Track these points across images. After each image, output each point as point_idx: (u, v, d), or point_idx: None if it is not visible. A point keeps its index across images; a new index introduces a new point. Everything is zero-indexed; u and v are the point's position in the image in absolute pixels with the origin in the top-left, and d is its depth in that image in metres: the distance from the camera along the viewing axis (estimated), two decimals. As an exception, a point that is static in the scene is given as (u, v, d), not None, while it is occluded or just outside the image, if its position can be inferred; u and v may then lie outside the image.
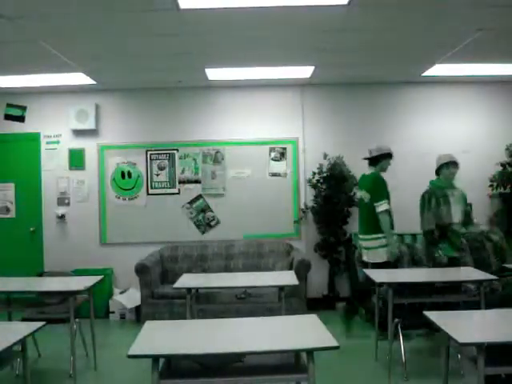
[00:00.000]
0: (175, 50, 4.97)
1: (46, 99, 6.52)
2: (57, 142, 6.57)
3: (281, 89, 6.57)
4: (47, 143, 6.57)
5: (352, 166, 6.38)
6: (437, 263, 4.65)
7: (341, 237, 6.36)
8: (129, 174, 6.56)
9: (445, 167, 4.78)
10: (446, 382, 3.01)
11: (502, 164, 6.35)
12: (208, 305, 5.01)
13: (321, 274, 6.42)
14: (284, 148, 6.57)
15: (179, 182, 6.57)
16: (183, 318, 4.30)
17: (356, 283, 6.01)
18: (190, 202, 6.57)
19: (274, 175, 6.57)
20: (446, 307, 4.31)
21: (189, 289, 4.27)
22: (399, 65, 5.77)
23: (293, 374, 2.60)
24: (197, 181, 6.57)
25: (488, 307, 3.78)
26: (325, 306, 6.18)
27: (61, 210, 6.53)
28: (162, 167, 6.57)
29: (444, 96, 6.61)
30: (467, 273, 4.24)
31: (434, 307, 4.04)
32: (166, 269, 6.20)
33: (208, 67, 5.65)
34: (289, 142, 6.58)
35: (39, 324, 2.89)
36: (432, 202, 4.72)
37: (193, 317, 4.35)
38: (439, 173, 4.84)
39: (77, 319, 4.17)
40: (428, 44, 4.92)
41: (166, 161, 6.57)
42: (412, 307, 4.29)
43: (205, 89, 6.54)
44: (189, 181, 6.57)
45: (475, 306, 3.91)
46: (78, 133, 6.53)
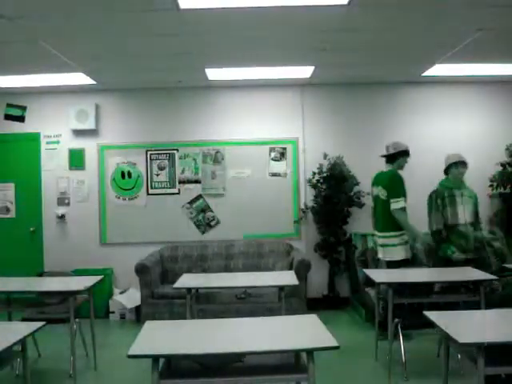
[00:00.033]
0: (175, 50, 4.97)
1: (46, 99, 6.52)
2: (57, 142, 6.57)
3: (281, 89, 6.57)
4: (47, 143, 6.58)
5: (352, 166, 6.39)
6: (452, 262, 4.61)
7: (341, 237, 6.36)
8: (129, 174, 6.56)
9: (453, 167, 4.74)
10: (446, 382, 3.01)
11: (502, 164, 6.34)
12: (208, 305, 5.01)
13: (321, 274, 6.42)
14: (284, 148, 6.57)
15: (179, 182, 6.57)
16: (183, 318, 4.30)
17: (356, 283, 6.01)
18: (190, 202, 6.57)
19: (274, 175, 6.57)
20: (446, 307, 4.33)
21: (189, 289, 4.27)
22: (399, 65, 5.77)
23: (293, 374, 2.59)
24: (197, 181, 6.57)
25: (488, 307, 3.78)
26: (325, 306, 6.19)
27: (61, 210, 6.53)
28: (162, 167, 6.57)
29: (444, 96, 6.61)
30: (467, 273, 4.24)
31: (434, 307, 4.06)
32: (166, 269, 6.20)
33: (208, 67, 5.65)
34: (289, 142, 6.58)
35: (39, 324, 2.89)
36: (438, 202, 4.71)
37: (193, 317, 4.34)
38: (448, 172, 4.80)
39: (77, 319, 4.17)
40: (428, 44, 4.92)
41: (166, 161, 6.57)
42: (412, 307, 4.30)
43: (205, 89, 6.54)
44: (189, 181, 6.57)
45: (475, 306, 3.91)
46: (78, 133, 6.54)
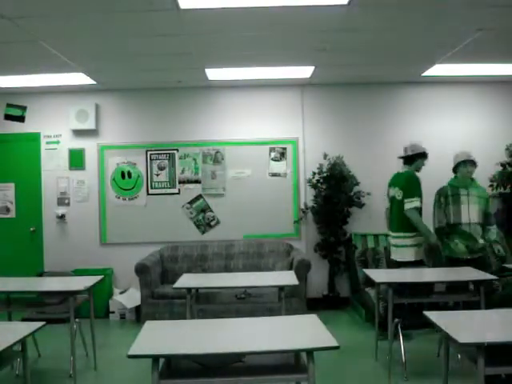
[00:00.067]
0: (175, 50, 4.97)
1: (46, 99, 6.52)
2: (57, 142, 6.57)
3: (281, 89, 6.57)
4: (47, 143, 6.58)
5: (352, 166, 6.39)
6: (454, 262, 4.61)
7: (341, 237, 6.36)
8: (129, 174, 6.56)
9: (462, 165, 4.71)
10: (446, 382, 3.01)
11: (502, 164, 6.34)
12: (208, 305, 5.01)
13: (321, 274, 6.42)
14: (284, 148, 6.57)
15: (179, 182, 6.57)
16: (183, 318, 4.30)
17: (356, 283, 6.01)
18: (190, 202, 6.57)
19: (274, 175, 6.57)
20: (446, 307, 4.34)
21: (189, 289, 4.27)
22: (399, 65, 5.77)
23: (293, 374, 2.59)
24: (197, 181, 6.57)
25: (488, 307, 3.78)
26: (325, 306, 6.19)
27: (61, 210, 6.53)
28: (162, 167, 6.57)
29: (444, 96, 6.61)
30: (467, 273, 4.24)
31: (434, 307, 4.06)
32: (166, 269, 6.20)
33: (208, 67, 5.65)
34: (289, 142, 6.58)
35: (39, 324, 2.89)
36: (441, 200, 4.72)
37: (193, 317, 4.34)
38: (456, 171, 4.78)
39: (77, 319, 4.18)
40: (428, 44, 4.92)
41: (166, 161, 6.57)
42: (412, 307, 4.30)
43: (205, 89, 6.54)
44: (189, 181, 6.57)
45: (475, 306, 3.91)
46: (78, 133, 6.54)
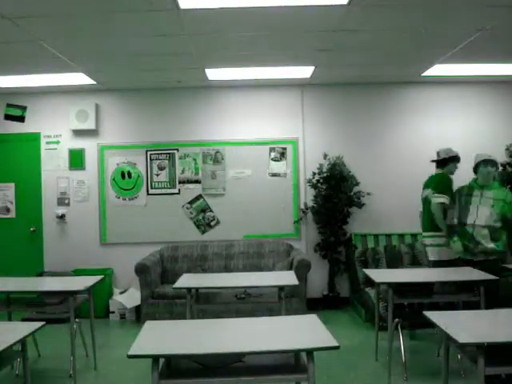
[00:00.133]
0: (175, 50, 4.97)
1: (46, 99, 6.52)
2: (57, 142, 6.57)
3: (281, 89, 6.56)
4: (47, 143, 6.57)
5: (352, 166, 6.40)
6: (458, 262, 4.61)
7: (341, 237, 6.36)
8: (129, 174, 6.56)
9: (482, 165, 4.65)
10: (446, 382, 3.01)
11: (502, 164, 6.32)
12: (208, 305, 5.01)
13: (321, 274, 6.42)
14: (284, 148, 6.57)
15: (179, 182, 6.57)
16: (183, 318, 4.31)
17: (356, 283, 6.01)
18: (190, 202, 6.57)
19: (274, 175, 6.57)
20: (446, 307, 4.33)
21: (189, 289, 4.27)
22: (399, 65, 5.77)
23: (293, 374, 2.59)
24: (197, 181, 6.57)
25: (488, 307, 3.78)
26: (325, 306, 6.20)
27: (61, 210, 6.53)
28: (162, 167, 6.57)
29: (444, 96, 6.60)
30: (467, 273, 4.24)
31: (434, 307, 4.06)
32: (166, 269, 6.20)
33: (208, 67, 5.65)
34: (289, 142, 6.58)
35: (39, 324, 2.89)
36: (456, 199, 4.74)
37: (193, 317, 4.34)
38: (476, 171, 4.74)
39: (77, 319, 4.17)
40: (428, 44, 4.91)
41: (166, 161, 6.57)
42: (412, 307, 4.30)
43: (205, 89, 6.54)
44: (189, 181, 6.57)
45: (475, 306, 3.91)
46: (78, 133, 6.53)
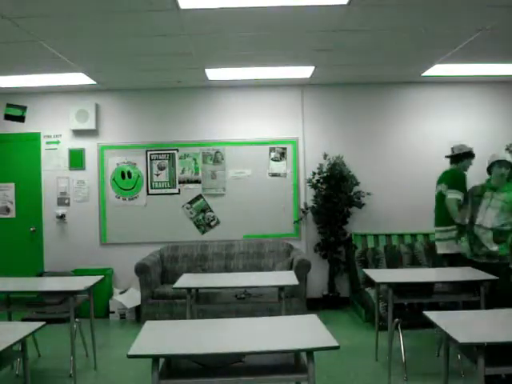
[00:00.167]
0: (175, 50, 4.97)
1: (46, 99, 6.52)
2: (57, 142, 6.57)
3: (281, 89, 6.56)
4: (47, 143, 6.57)
5: (352, 166, 6.39)
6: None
7: (341, 237, 6.36)
8: (129, 174, 6.56)
9: (496, 165, 4.60)
10: (446, 382, 3.01)
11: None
12: (208, 305, 5.01)
13: (321, 274, 6.41)
14: (284, 148, 6.57)
15: (179, 182, 6.57)
16: (183, 318, 4.31)
17: (356, 283, 6.01)
18: (190, 202, 6.57)
19: (274, 175, 6.57)
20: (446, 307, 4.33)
21: (189, 289, 4.27)
22: (399, 65, 5.77)
23: (293, 374, 2.59)
24: (197, 181, 6.57)
25: (488, 307, 3.78)
26: (325, 306, 6.20)
27: (61, 210, 6.53)
28: (162, 167, 6.57)
29: (444, 96, 6.60)
30: (467, 273, 4.24)
31: (434, 307, 4.06)
32: (166, 269, 6.20)
33: (208, 67, 5.65)
34: (289, 142, 6.57)
35: (39, 324, 2.89)
36: (468, 199, 4.76)
37: (193, 317, 4.34)
38: (490, 171, 4.70)
39: (77, 319, 4.17)
40: (428, 44, 4.91)
41: (166, 161, 6.57)
42: (412, 307, 4.30)
43: (205, 89, 6.54)
44: (189, 181, 6.57)
45: (475, 306, 3.91)
46: (78, 133, 6.53)
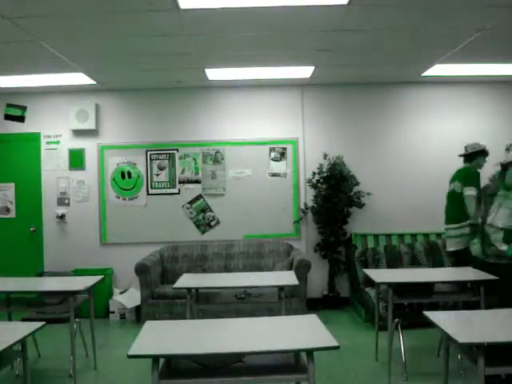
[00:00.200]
0: (175, 50, 4.97)
1: (46, 99, 6.52)
2: (57, 142, 6.57)
3: (281, 89, 6.56)
4: (47, 143, 6.57)
5: (352, 166, 6.40)
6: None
7: (341, 237, 6.36)
8: (129, 174, 6.56)
9: (511, 166, 4.52)
10: (446, 382, 3.01)
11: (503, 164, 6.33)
12: (208, 305, 5.01)
13: (321, 274, 6.41)
14: (284, 148, 6.57)
15: (179, 182, 6.57)
16: (183, 318, 4.31)
17: (356, 283, 6.01)
18: (190, 202, 6.57)
19: (274, 175, 6.57)
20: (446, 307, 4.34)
21: (189, 289, 4.27)
22: (399, 65, 5.77)
23: (293, 374, 2.59)
24: (197, 181, 6.57)
25: (488, 307, 3.78)
26: (325, 306, 6.20)
27: (61, 210, 6.53)
28: (162, 167, 6.57)
29: (444, 96, 6.60)
30: (467, 273, 4.24)
31: (434, 307, 4.06)
32: (166, 269, 6.20)
33: (208, 67, 5.65)
34: (289, 142, 6.57)
35: (39, 324, 2.89)
36: (481, 198, 4.76)
37: (193, 317, 4.34)
38: (505, 171, 4.60)
39: (77, 319, 4.17)
40: (428, 44, 4.92)
41: (166, 161, 6.57)
42: (412, 307, 4.30)
43: (205, 89, 6.54)
44: (189, 181, 6.57)
45: (475, 306, 3.91)
46: (78, 133, 6.53)
